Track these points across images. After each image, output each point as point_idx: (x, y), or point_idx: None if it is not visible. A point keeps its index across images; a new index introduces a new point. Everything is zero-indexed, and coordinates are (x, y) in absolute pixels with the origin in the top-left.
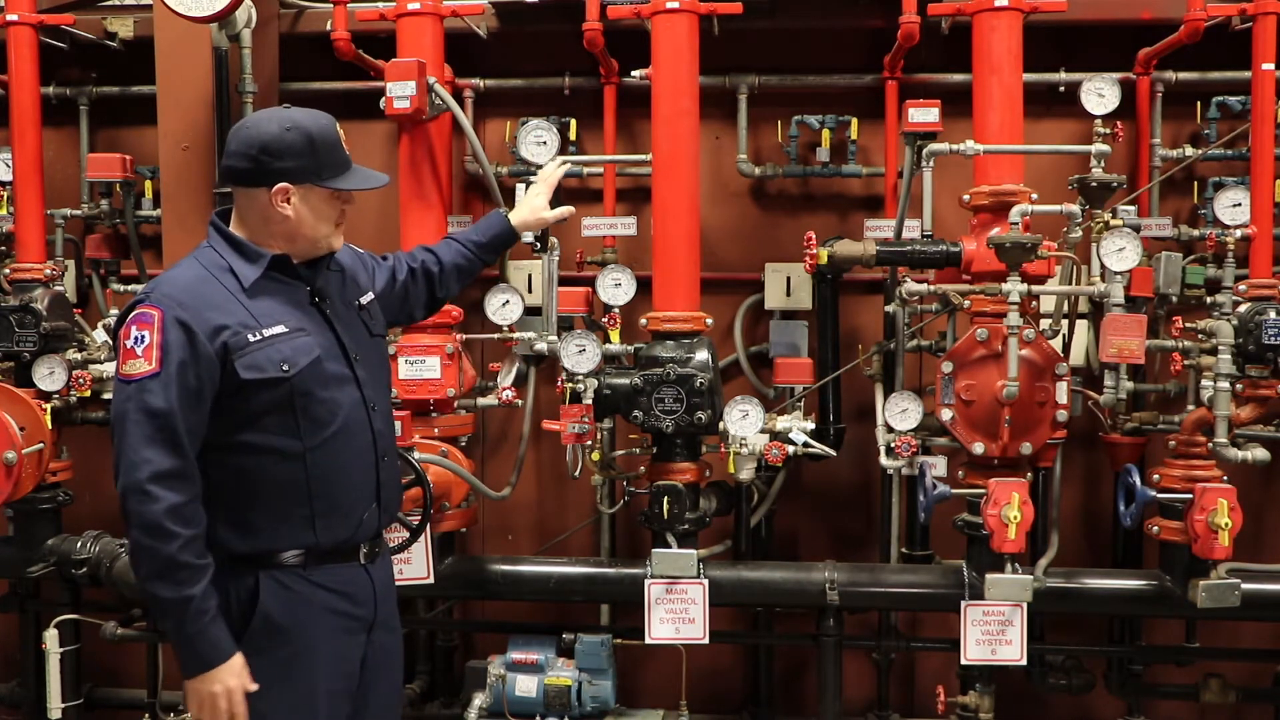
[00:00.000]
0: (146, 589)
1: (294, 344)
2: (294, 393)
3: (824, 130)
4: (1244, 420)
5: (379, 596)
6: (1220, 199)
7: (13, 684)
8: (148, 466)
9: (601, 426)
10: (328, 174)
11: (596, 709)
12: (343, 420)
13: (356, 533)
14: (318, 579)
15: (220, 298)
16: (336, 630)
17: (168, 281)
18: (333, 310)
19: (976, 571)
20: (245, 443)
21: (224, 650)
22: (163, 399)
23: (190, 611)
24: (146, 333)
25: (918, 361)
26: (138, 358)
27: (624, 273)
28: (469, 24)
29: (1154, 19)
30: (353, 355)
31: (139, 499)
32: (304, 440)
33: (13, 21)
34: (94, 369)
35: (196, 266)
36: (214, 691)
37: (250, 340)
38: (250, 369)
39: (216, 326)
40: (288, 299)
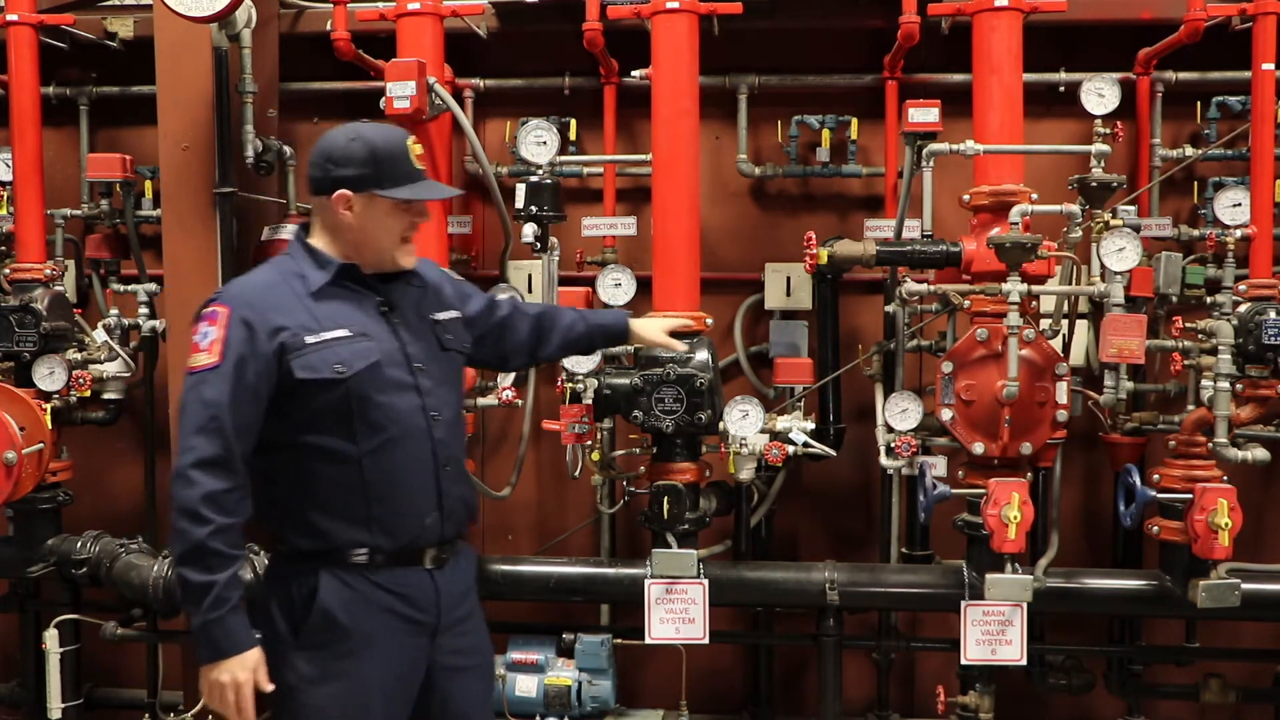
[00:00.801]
0: (176, 570)
1: (353, 348)
2: (350, 395)
3: (824, 130)
4: (1244, 420)
5: (443, 602)
6: (1220, 199)
7: (13, 684)
8: (193, 453)
9: (601, 426)
10: (388, 183)
11: (596, 709)
12: (401, 427)
13: (417, 538)
14: (379, 580)
15: (286, 301)
16: (395, 631)
17: (240, 284)
18: (401, 320)
19: (976, 571)
20: (305, 444)
21: (240, 642)
22: (216, 391)
23: (211, 598)
24: (213, 329)
25: (918, 361)
26: (202, 351)
27: (624, 273)
28: (469, 24)
29: (1154, 19)
30: (416, 364)
31: (181, 483)
32: (359, 444)
33: (13, 21)
34: (94, 369)
35: (270, 272)
36: (222, 681)
37: (307, 342)
38: (305, 369)
39: (276, 327)
40: (355, 306)
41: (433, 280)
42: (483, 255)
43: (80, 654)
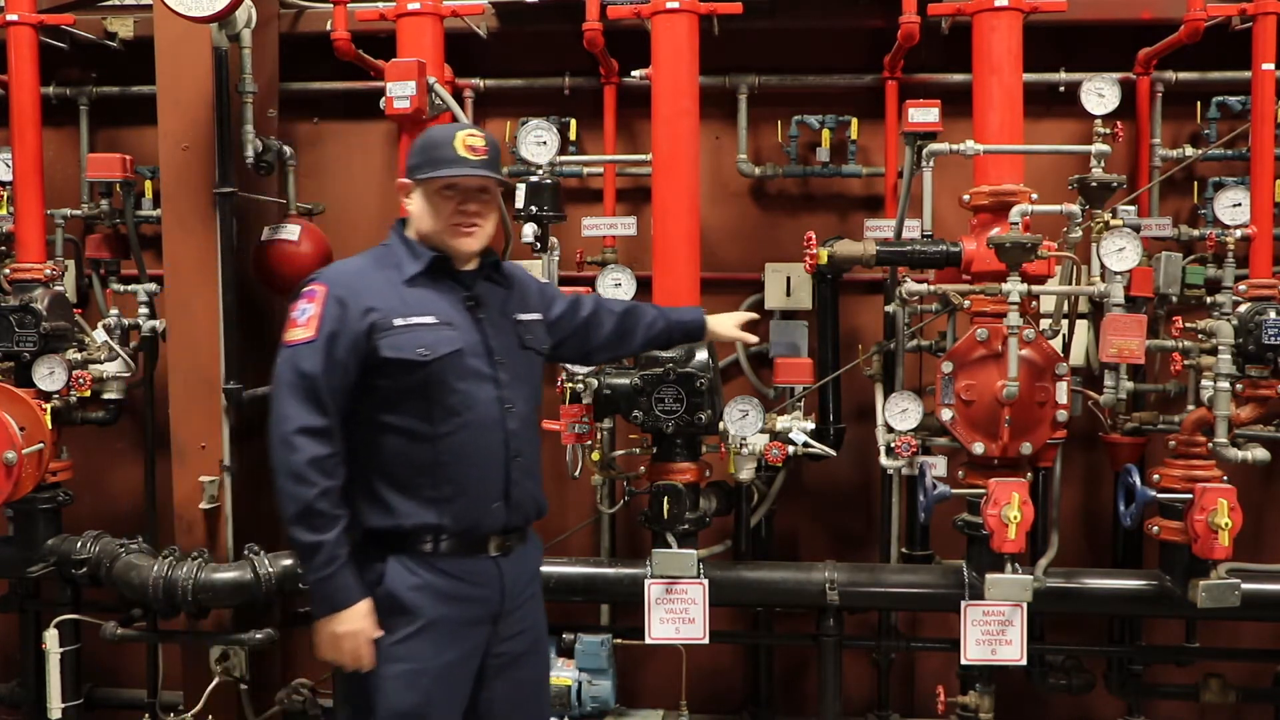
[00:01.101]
0: (289, 532)
1: (437, 334)
2: (430, 379)
3: (824, 130)
4: (1244, 420)
5: (507, 588)
6: (1220, 199)
7: (13, 684)
8: (294, 421)
9: (601, 426)
10: (427, 168)
11: (596, 709)
12: (475, 413)
13: (482, 523)
14: (443, 566)
15: (380, 285)
16: (459, 615)
17: (338, 266)
18: (486, 315)
19: (976, 571)
20: (384, 422)
21: (352, 594)
22: (311, 363)
23: (323, 555)
24: (311, 306)
25: (918, 361)
26: (300, 326)
27: (624, 273)
28: (469, 24)
29: (1154, 19)
30: (496, 358)
31: (285, 449)
32: (435, 425)
33: (13, 21)
34: (94, 369)
35: (367, 258)
36: (339, 633)
37: (395, 324)
38: (391, 348)
39: (368, 307)
40: (443, 297)
41: (519, 283)
42: None
43: (80, 654)
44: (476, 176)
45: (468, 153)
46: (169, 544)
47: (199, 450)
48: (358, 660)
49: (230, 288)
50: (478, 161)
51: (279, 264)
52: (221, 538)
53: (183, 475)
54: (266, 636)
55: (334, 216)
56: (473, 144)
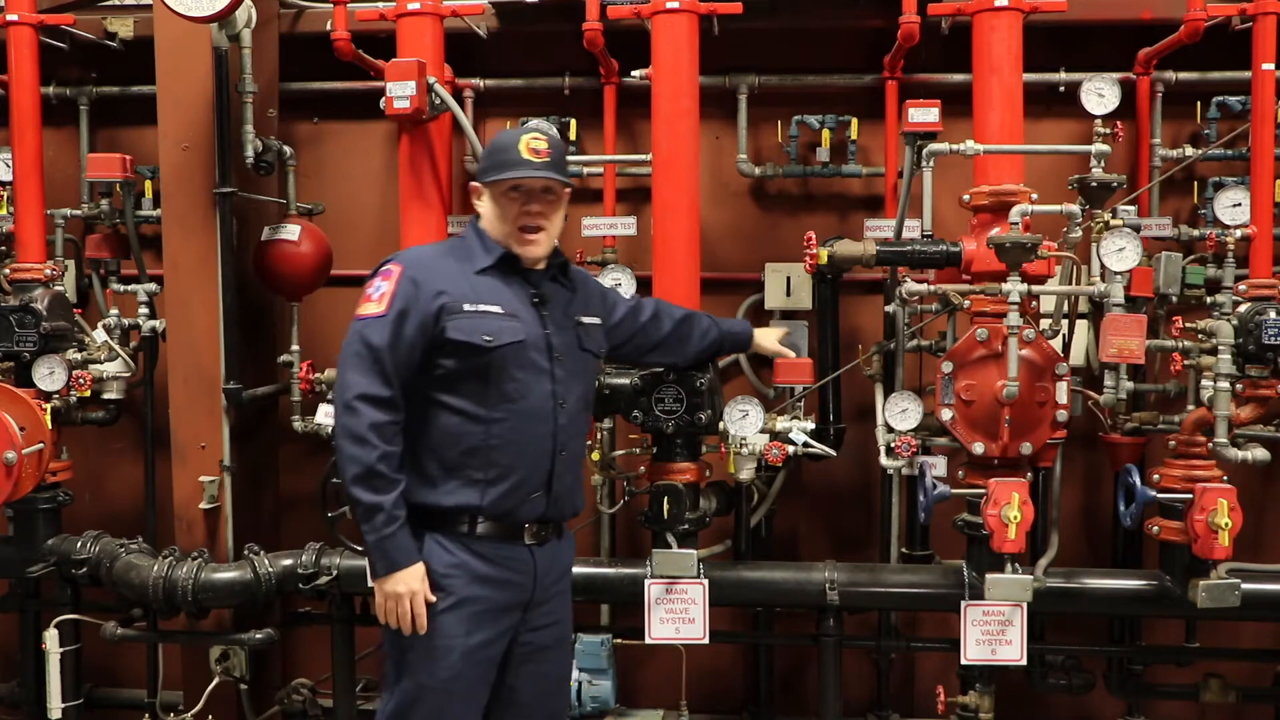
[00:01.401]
0: (350, 492)
1: (502, 323)
2: (491, 365)
3: (824, 130)
4: (1244, 420)
5: (539, 578)
6: (1220, 199)
7: (13, 684)
8: (358, 387)
9: (601, 426)
10: (492, 172)
11: (596, 709)
12: (529, 403)
13: (520, 510)
14: (478, 548)
15: (452, 271)
16: (489, 601)
17: (415, 250)
18: (550, 312)
19: (976, 571)
20: (440, 400)
21: (410, 555)
22: (379, 336)
23: (382, 515)
24: (385, 283)
25: (918, 361)
26: (373, 301)
27: (624, 273)
28: (469, 24)
29: (1154, 19)
30: (556, 354)
31: (348, 413)
32: (489, 409)
33: (13, 21)
34: (94, 369)
35: (442, 247)
36: (398, 592)
37: (464, 308)
38: (458, 331)
39: (439, 290)
40: (511, 291)
41: (584, 286)
42: None
43: (80, 654)
44: (540, 178)
45: (531, 155)
46: (169, 544)
47: (199, 450)
48: (412, 620)
49: (230, 288)
50: (540, 164)
51: (279, 264)
52: (221, 538)
53: (183, 475)
54: (266, 636)
55: (334, 216)
56: (536, 146)
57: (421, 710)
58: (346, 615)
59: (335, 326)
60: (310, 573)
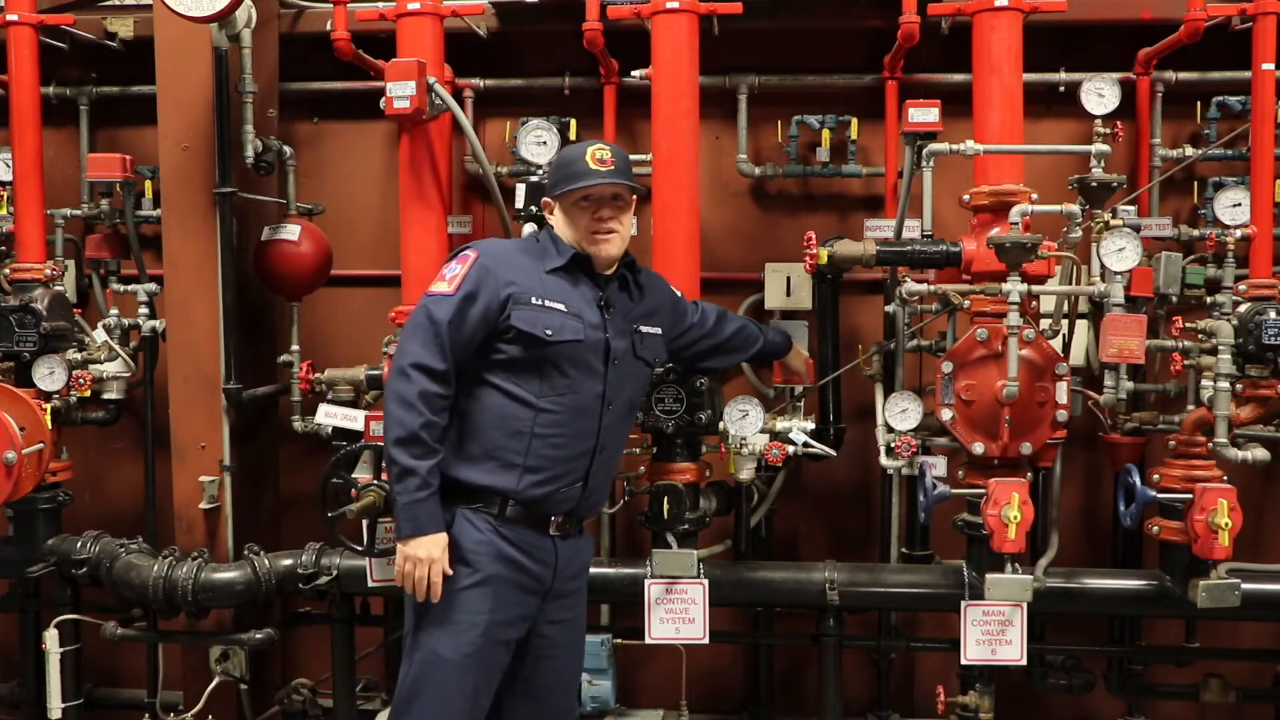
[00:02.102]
0: (389, 453)
1: (565, 320)
2: (548, 358)
3: (824, 130)
4: (1244, 420)
5: (560, 566)
6: (1220, 199)
7: (13, 684)
8: (414, 355)
9: None
10: (562, 185)
11: (596, 709)
12: (578, 399)
13: (551, 500)
14: (505, 531)
15: (525, 266)
16: (510, 582)
17: (493, 241)
18: (612, 317)
19: (976, 571)
20: (494, 382)
21: (436, 523)
22: (443, 312)
23: (415, 480)
24: (460, 267)
25: (918, 361)
26: (445, 281)
27: None
28: (469, 24)
29: (1154, 19)
30: (613, 357)
31: (400, 378)
32: (540, 397)
33: (13, 21)
34: (94, 369)
35: (520, 243)
36: (419, 556)
37: (531, 300)
38: (522, 321)
39: (510, 280)
40: (578, 291)
41: (654, 293)
42: None
43: (80, 654)
44: (607, 184)
45: (597, 165)
46: (169, 544)
47: (199, 450)
48: (428, 587)
49: (230, 288)
50: (607, 172)
51: (279, 264)
52: (221, 538)
53: (183, 475)
54: (266, 636)
55: (334, 216)
56: (601, 156)
57: (437, 681)
58: (346, 615)
59: (335, 326)
60: (310, 573)
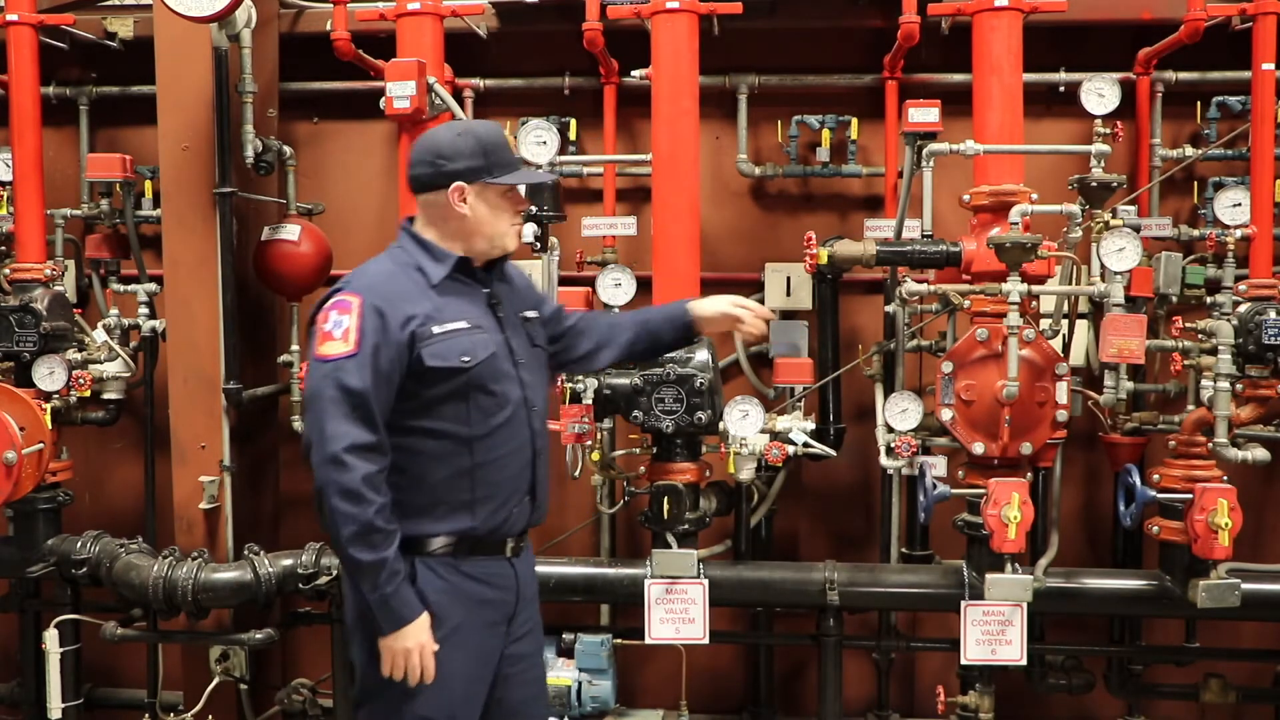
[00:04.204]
0: (345, 553)
1: (473, 339)
2: (470, 384)
3: (824, 130)
4: (1244, 420)
5: (521, 589)
6: (1220, 199)
7: (13, 684)
8: (345, 439)
9: (601, 426)
10: (498, 171)
11: (596, 709)
12: (507, 414)
13: (506, 524)
14: (467, 569)
15: (411, 291)
16: (481, 620)
17: (365, 274)
18: (504, 314)
19: (976, 571)
20: (420, 427)
21: (415, 608)
22: (358, 378)
23: (386, 572)
24: (346, 317)
25: (918, 361)
26: (336, 340)
27: (624, 273)
28: (469, 24)
29: (1154, 19)
30: (518, 358)
31: (338, 468)
32: (472, 428)
33: (13, 21)
34: (94, 369)
35: (389, 263)
36: (408, 647)
37: (435, 331)
38: (435, 357)
39: (408, 315)
40: (468, 299)
41: (517, 279)
42: None
43: (80, 654)
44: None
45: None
46: (169, 544)
47: (199, 450)
48: (422, 673)
49: (230, 288)
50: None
51: (279, 264)
52: (221, 538)
53: (183, 475)
54: (266, 636)
55: (334, 216)
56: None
57: None
58: None
59: None
60: (310, 573)
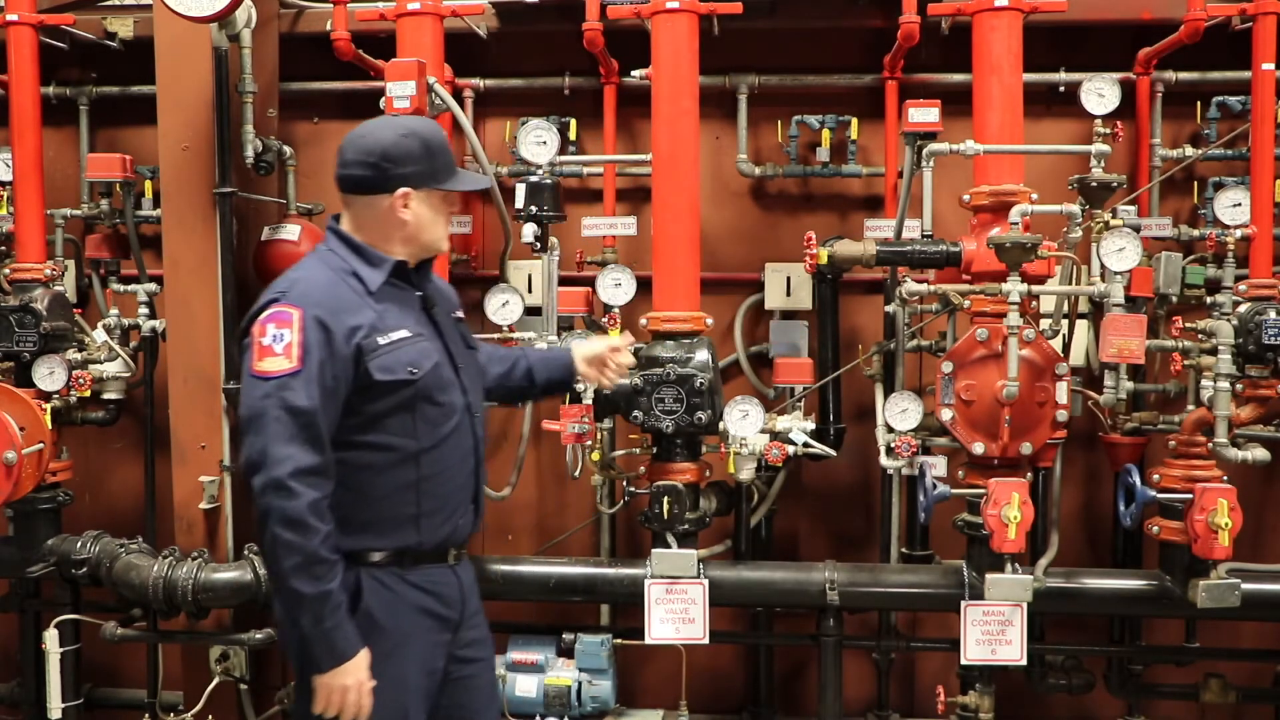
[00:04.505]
0: (287, 584)
1: (418, 348)
2: (416, 395)
3: (824, 130)
4: (1244, 420)
5: (465, 596)
6: (1220, 199)
7: (13, 684)
8: (290, 463)
9: (601, 426)
10: (443, 176)
11: (596, 709)
12: (452, 423)
13: (453, 534)
14: (413, 579)
15: (352, 300)
16: (427, 629)
17: (300, 282)
18: (440, 318)
19: (976, 571)
20: (366, 441)
21: (356, 644)
22: (305, 397)
23: (329, 605)
24: (286, 331)
25: (918, 361)
26: (277, 355)
27: (624, 273)
28: (469, 24)
29: (1154, 19)
30: (458, 363)
31: (282, 494)
32: (419, 440)
33: (13, 21)
34: (94, 369)
35: (325, 269)
36: (346, 685)
37: (380, 343)
38: (382, 370)
39: (352, 327)
40: (405, 305)
41: (441, 283)
42: (483, 255)
43: (80, 654)
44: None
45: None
46: (169, 544)
47: (199, 450)
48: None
49: (230, 287)
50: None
51: (279, 264)
52: (221, 538)
53: (183, 475)
54: (266, 636)
55: None
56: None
57: None
58: None
59: None
60: None
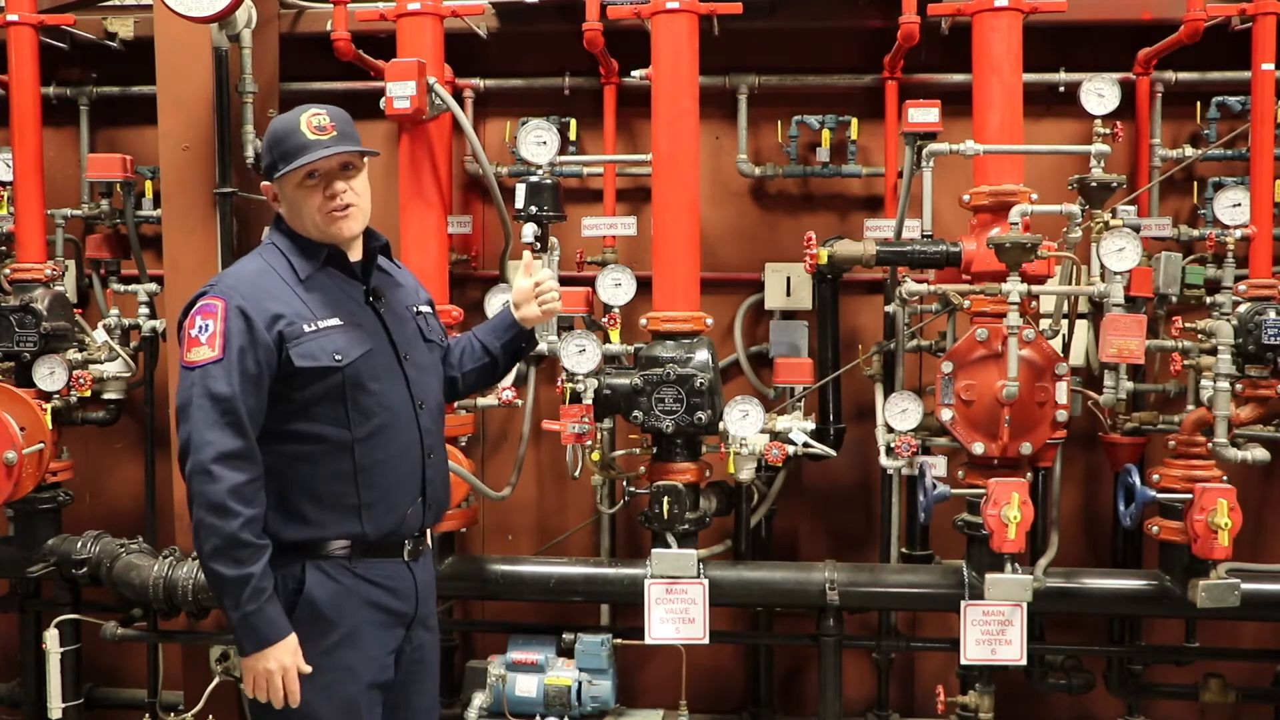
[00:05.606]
0: (208, 567)
1: (347, 336)
2: (345, 383)
3: (824, 130)
4: (1244, 420)
5: (420, 594)
6: (1220, 199)
7: (13, 684)
8: (212, 448)
9: (601, 426)
10: (282, 164)
11: (596, 709)
12: (391, 414)
13: (401, 527)
14: (362, 571)
15: (278, 289)
16: (377, 623)
17: (230, 275)
18: (387, 308)
19: (976, 571)
20: (297, 431)
21: (280, 629)
22: (225, 384)
23: (249, 590)
24: (210, 322)
25: (918, 361)
26: (201, 345)
27: (624, 273)
28: (469, 24)
29: (1154, 19)
30: (403, 354)
31: (204, 479)
32: (353, 431)
33: (13, 21)
34: (94, 369)
35: (258, 260)
36: (269, 669)
37: (305, 330)
38: (304, 357)
39: (274, 315)
40: (344, 295)
41: (402, 274)
42: (483, 255)
43: (80, 654)
44: (335, 155)
45: (316, 134)
46: (169, 544)
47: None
48: (287, 696)
49: None
50: (329, 140)
51: None
52: None
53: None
54: None
55: None
56: (319, 124)
57: None
58: None
59: None
60: None
